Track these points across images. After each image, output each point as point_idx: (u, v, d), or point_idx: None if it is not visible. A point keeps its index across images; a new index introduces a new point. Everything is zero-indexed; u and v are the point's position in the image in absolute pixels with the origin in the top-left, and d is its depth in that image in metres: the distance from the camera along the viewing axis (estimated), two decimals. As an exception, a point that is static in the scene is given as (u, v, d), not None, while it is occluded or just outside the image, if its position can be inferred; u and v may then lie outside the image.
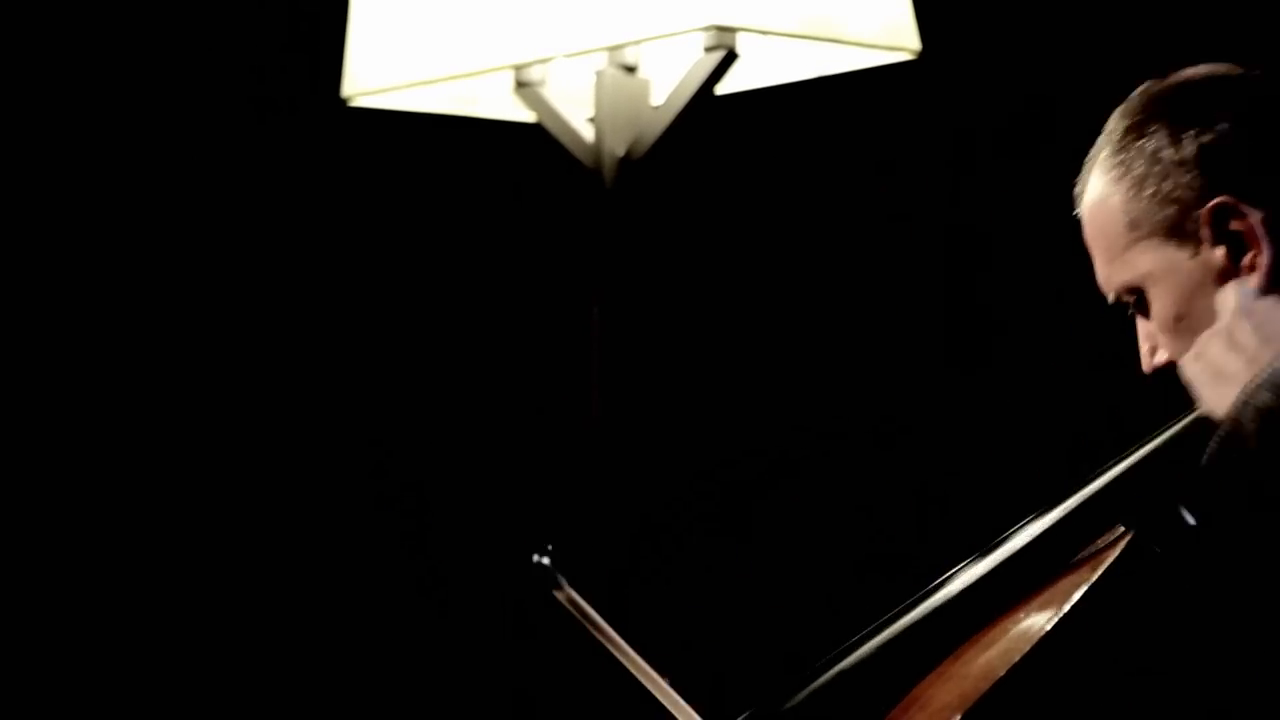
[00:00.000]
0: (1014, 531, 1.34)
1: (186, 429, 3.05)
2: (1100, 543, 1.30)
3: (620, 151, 1.30)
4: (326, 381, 3.11)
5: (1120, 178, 1.30)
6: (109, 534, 2.99)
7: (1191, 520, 1.26)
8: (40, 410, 3.00)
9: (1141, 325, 1.33)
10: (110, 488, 3.01)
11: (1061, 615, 1.23)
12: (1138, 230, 1.29)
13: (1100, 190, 1.31)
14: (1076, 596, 1.23)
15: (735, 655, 3.01)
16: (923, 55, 1.30)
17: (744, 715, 1.37)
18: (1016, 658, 1.21)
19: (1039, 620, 1.25)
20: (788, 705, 1.30)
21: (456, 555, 3.14)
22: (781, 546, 3.20)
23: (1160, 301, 1.29)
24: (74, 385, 3.02)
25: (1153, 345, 1.33)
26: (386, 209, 3.08)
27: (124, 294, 3.06)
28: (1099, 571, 1.24)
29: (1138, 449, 1.32)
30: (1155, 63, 1.38)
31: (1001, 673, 1.21)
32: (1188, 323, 1.27)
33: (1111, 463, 1.32)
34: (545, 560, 1.22)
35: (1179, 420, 1.29)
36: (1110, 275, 1.32)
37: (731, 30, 1.21)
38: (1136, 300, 1.31)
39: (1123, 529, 1.28)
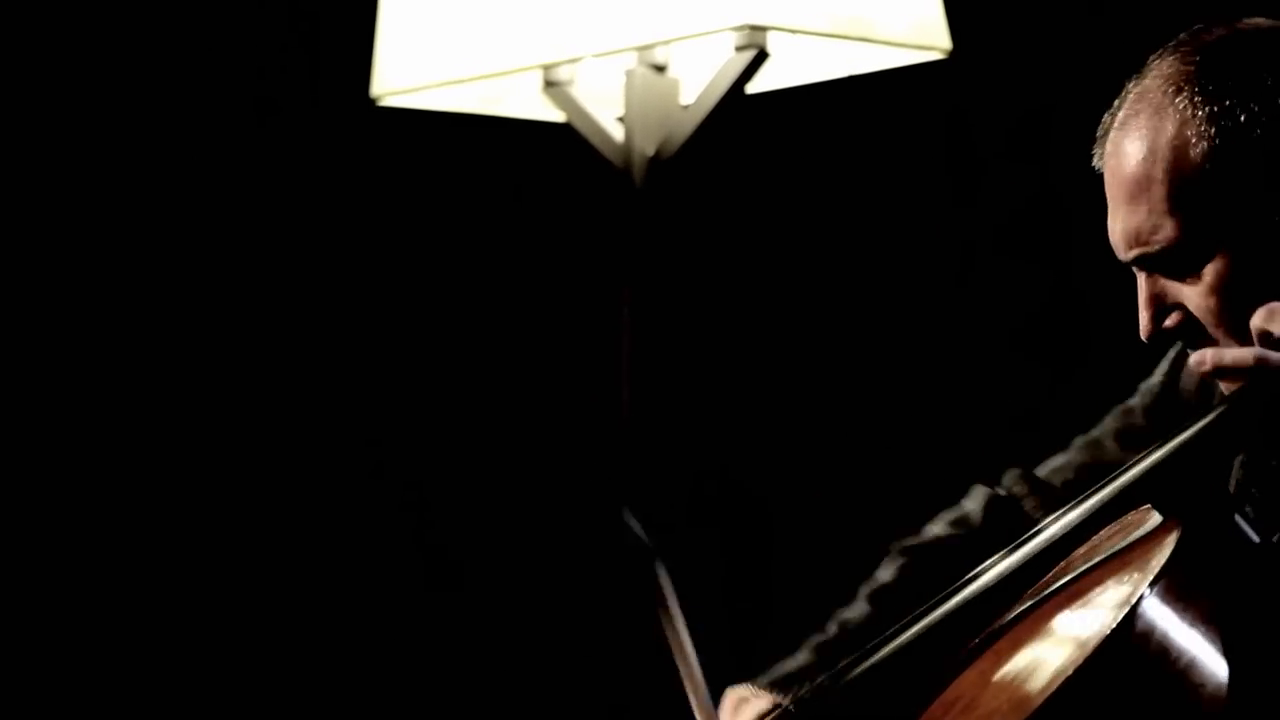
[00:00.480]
0: (1046, 524, 1.30)
1: (224, 426, 3.06)
2: (1132, 530, 1.23)
3: (650, 151, 1.29)
4: (357, 379, 3.12)
5: (1192, 121, 1.18)
6: (111, 533, 3.00)
7: (1255, 536, 1.19)
8: (43, 408, 3.02)
9: (1154, 286, 1.23)
10: (122, 482, 3.03)
11: (1118, 621, 1.16)
12: (1210, 181, 1.18)
13: (1160, 134, 1.20)
14: (1132, 600, 1.16)
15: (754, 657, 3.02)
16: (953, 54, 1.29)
17: (777, 709, 1.36)
18: (1072, 666, 1.14)
19: (1092, 623, 1.18)
20: (819, 697, 1.29)
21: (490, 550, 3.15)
22: (807, 544, 3.20)
23: (1229, 262, 1.18)
24: (73, 383, 3.03)
25: (1171, 308, 1.23)
26: (415, 208, 3.08)
27: (147, 292, 3.07)
28: (1149, 574, 1.17)
29: (1170, 440, 1.25)
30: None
31: (1059, 682, 1.14)
32: (1258, 291, 1.15)
33: (1143, 455, 1.26)
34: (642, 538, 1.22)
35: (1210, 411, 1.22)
36: (1149, 226, 1.21)
37: (763, 29, 1.19)
38: (1168, 257, 1.21)
39: (1160, 517, 1.21)
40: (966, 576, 1.33)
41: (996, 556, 1.31)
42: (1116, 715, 1.15)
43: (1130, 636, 1.15)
